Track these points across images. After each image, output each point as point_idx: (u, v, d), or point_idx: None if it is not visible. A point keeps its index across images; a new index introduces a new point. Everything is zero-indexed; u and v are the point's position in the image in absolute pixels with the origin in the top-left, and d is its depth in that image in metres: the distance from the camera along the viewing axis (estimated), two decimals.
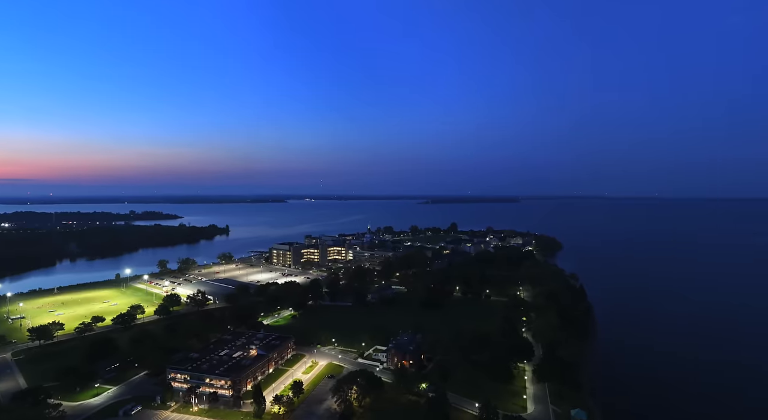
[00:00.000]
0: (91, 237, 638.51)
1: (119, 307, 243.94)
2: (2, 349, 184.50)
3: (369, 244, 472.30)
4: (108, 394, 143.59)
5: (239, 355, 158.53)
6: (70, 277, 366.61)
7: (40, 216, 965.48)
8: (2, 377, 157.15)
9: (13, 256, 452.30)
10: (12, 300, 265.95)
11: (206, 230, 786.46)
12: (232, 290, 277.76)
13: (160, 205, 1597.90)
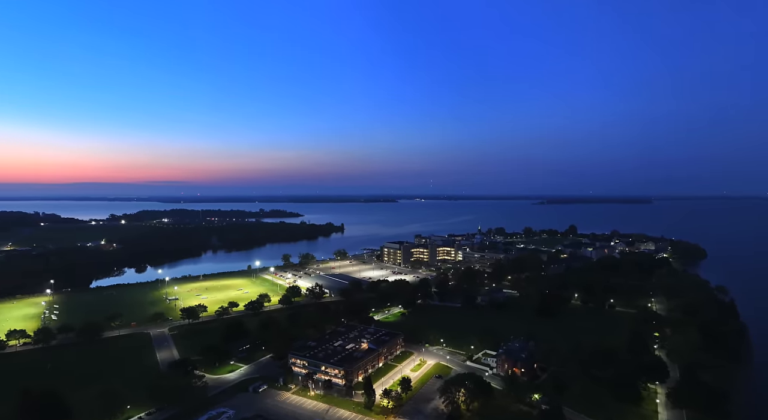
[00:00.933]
0: (228, 232, 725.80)
1: (250, 295, 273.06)
2: (162, 324, 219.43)
3: (479, 245, 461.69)
4: (240, 372, 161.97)
5: (352, 347, 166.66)
6: (212, 267, 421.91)
7: (190, 213, 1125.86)
8: (162, 348, 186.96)
9: (171, 247, 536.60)
10: (169, 284, 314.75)
11: (324, 228, 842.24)
12: (346, 285, 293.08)
13: (285, 204, 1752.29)
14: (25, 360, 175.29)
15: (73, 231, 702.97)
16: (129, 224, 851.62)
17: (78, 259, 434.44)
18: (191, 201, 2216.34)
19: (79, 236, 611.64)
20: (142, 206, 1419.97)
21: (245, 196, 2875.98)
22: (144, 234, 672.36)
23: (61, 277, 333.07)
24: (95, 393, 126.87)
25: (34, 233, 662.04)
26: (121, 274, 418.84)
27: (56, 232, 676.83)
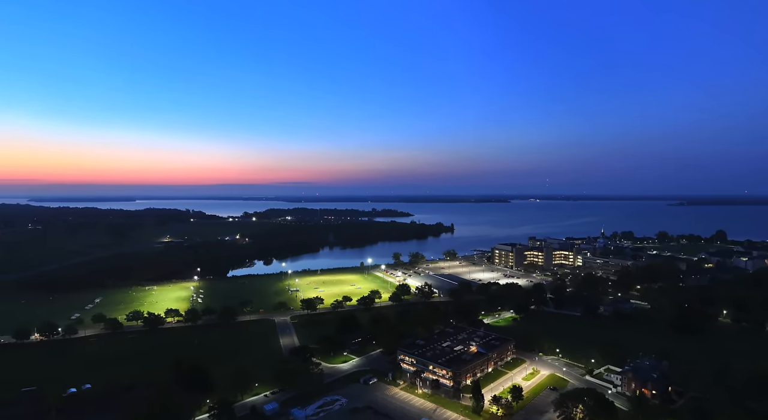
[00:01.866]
0: (343, 230, 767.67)
1: (362, 290, 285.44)
2: (285, 313, 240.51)
3: (602, 250, 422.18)
4: (353, 363, 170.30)
5: (460, 349, 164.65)
6: (328, 262, 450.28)
7: (310, 211, 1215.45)
8: (285, 334, 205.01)
9: (293, 242, 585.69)
10: (291, 276, 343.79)
11: (433, 228, 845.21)
12: (455, 286, 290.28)
13: (396, 204, 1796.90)
14: (178, 335, 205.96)
15: (215, 227, 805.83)
16: (258, 221, 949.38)
17: (218, 252, 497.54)
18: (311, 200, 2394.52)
19: (219, 231, 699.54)
20: (270, 205, 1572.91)
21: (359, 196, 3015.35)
22: (271, 230, 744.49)
23: (206, 266, 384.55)
24: (231, 370, 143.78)
25: (186, 228, 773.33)
26: (252, 265, 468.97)
27: (202, 227, 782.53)
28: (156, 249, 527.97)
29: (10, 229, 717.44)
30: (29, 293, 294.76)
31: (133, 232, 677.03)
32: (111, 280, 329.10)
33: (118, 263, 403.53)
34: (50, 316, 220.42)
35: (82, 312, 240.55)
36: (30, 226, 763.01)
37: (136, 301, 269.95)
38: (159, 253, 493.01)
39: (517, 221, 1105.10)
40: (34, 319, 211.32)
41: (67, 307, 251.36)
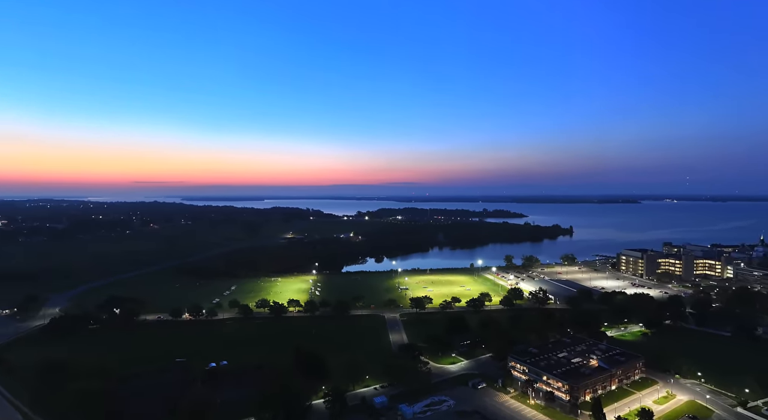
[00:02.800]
0: (453, 230, 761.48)
1: (471, 292, 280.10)
2: (394, 310, 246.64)
3: (761, 260, 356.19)
4: (461, 365, 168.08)
5: (578, 361, 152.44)
6: (438, 262, 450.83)
7: (420, 211, 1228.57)
8: (394, 331, 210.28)
9: (404, 241, 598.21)
10: (401, 274, 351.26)
11: (549, 230, 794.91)
12: (574, 293, 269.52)
13: (508, 204, 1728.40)
14: (298, 324, 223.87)
15: (332, 225, 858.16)
16: (371, 220, 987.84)
17: (335, 248, 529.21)
18: (421, 200, 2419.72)
19: (335, 229, 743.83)
20: (381, 205, 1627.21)
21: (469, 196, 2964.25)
22: (382, 229, 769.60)
23: (323, 262, 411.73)
24: (344, 360, 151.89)
25: (306, 225, 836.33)
26: (364, 262, 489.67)
27: (320, 225, 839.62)
28: (280, 244, 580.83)
29: (169, 224, 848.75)
30: (182, 278, 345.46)
31: (262, 228, 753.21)
32: (244, 271, 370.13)
33: (249, 256, 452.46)
34: (197, 299, 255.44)
35: (221, 297, 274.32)
36: (183, 221, 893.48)
37: (264, 290, 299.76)
38: (283, 247, 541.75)
39: (647, 224, 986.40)
40: (185, 301, 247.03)
41: (210, 293, 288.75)
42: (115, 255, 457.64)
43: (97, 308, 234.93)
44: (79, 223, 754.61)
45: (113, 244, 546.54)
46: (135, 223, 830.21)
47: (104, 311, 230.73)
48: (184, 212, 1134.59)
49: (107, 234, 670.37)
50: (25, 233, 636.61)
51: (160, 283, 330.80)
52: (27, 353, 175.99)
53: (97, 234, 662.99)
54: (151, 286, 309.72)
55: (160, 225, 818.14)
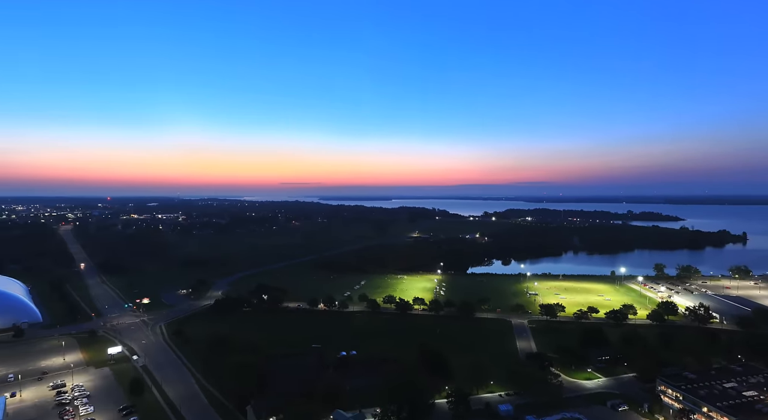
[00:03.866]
0: (590, 233, 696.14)
1: (612, 303, 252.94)
2: (522, 315, 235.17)
3: None
4: (597, 382, 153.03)
5: (752, 395, 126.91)
6: (572, 267, 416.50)
7: (552, 212, 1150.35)
8: (521, 337, 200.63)
9: (534, 244, 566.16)
10: (530, 279, 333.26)
11: (714, 236, 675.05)
12: (747, 313, 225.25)
13: (659, 206, 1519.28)
14: (423, 322, 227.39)
15: (457, 225, 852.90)
16: (498, 221, 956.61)
17: (460, 248, 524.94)
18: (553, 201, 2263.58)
19: (461, 229, 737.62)
20: (509, 205, 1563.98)
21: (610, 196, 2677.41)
22: (510, 230, 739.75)
23: (448, 261, 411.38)
24: (468, 362, 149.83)
25: (432, 225, 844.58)
26: (490, 264, 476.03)
27: (446, 225, 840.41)
28: (407, 242, 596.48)
29: (308, 221, 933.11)
30: (318, 272, 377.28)
31: (390, 226, 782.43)
32: (372, 267, 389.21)
33: (378, 253, 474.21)
34: (330, 291, 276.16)
35: (352, 291, 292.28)
36: (320, 219, 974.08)
37: (391, 287, 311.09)
38: (409, 246, 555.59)
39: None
40: (321, 292, 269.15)
41: (342, 286, 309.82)
42: (264, 248, 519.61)
43: (249, 293, 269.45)
44: (237, 220, 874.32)
45: (262, 239, 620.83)
46: (280, 220, 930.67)
47: (255, 296, 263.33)
48: (321, 211, 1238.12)
49: (258, 229, 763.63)
50: (198, 227, 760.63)
51: (300, 274, 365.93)
52: (199, 327, 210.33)
53: (250, 229, 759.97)
54: (292, 277, 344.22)
55: (300, 222, 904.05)
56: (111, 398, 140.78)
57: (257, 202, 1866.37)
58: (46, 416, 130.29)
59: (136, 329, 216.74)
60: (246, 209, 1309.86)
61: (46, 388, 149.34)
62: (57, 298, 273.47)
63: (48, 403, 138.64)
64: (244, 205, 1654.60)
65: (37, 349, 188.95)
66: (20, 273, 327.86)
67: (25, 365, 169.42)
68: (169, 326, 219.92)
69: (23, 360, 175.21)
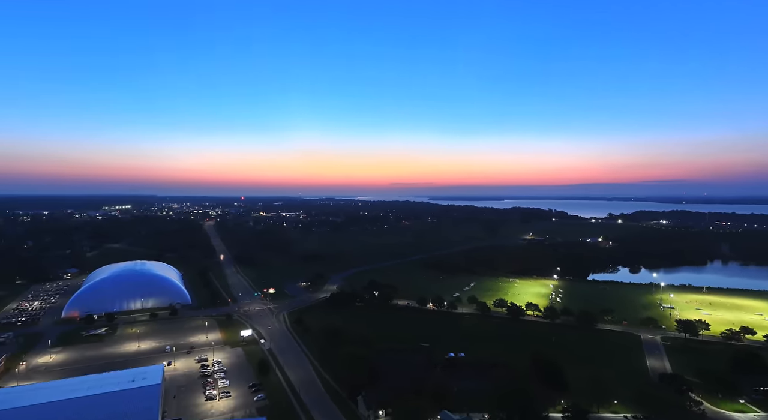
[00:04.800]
0: (745, 240, 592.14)
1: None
2: (653, 331, 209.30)
3: None
4: (752, 417, 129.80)
5: None
6: (719, 279, 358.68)
7: (694, 215, 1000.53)
8: (652, 355, 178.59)
9: (669, 250, 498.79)
10: (664, 290, 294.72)
11: None
12: None
13: None
14: (536, 329, 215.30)
15: (577, 227, 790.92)
16: (625, 224, 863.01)
17: (579, 252, 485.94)
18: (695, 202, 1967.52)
19: (581, 232, 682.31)
20: (639, 206, 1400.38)
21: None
22: (640, 234, 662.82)
23: (565, 266, 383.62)
24: (587, 375, 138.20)
25: (547, 227, 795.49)
26: (615, 271, 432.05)
27: (563, 227, 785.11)
28: (519, 245, 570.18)
29: (417, 221, 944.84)
30: (427, 271, 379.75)
31: (501, 228, 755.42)
32: (482, 269, 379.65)
33: (489, 255, 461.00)
34: (439, 291, 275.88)
35: (461, 292, 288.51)
36: (429, 219, 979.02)
37: (501, 290, 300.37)
38: (522, 248, 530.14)
39: None
40: (429, 292, 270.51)
41: (451, 286, 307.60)
42: (376, 246, 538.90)
43: (362, 289, 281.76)
44: (351, 218, 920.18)
45: (374, 237, 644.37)
46: (391, 220, 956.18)
47: (367, 292, 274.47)
48: (431, 210, 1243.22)
49: (370, 228, 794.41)
50: (316, 225, 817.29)
51: (409, 273, 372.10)
52: (316, 318, 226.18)
53: (363, 227, 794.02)
54: (402, 275, 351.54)
55: (410, 222, 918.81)
56: (242, 375, 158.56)
57: (370, 202, 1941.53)
58: (193, 384, 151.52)
59: (263, 316, 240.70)
60: (359, 208, 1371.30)
61: (193, 360, 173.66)
62: (202, 284, 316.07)
63: (194, 373, 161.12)
64: (357, 204, 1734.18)
65: (187, 326, 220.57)
66: (175, 261, 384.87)
67: (178, 340, 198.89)
68: (290, 315, 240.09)
69: (176, 335, 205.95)
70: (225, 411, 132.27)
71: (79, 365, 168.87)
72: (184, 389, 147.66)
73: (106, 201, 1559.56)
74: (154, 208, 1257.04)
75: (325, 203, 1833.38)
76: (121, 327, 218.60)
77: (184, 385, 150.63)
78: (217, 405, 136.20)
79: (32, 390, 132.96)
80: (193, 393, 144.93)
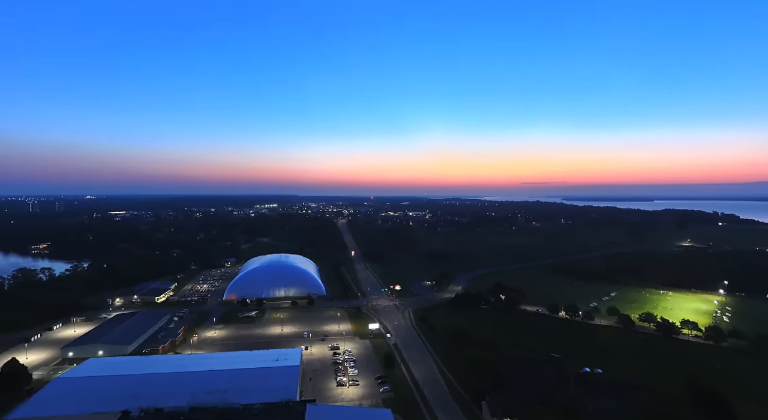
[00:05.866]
0: None
1: None
2: None
3: None
4: None
5: None
6: None
7: None
8: None
9: None
10: None
11: None
12: None
13: None
14: (694, 350, 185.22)
15: (752, 233, 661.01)
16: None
17: (756, 264, 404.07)
18: None
19: (757, 239, 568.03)
20: None
21: None
22: None
23: (735, 280, 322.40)
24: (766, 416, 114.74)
25: (711, 232, 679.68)
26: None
27: (732, 233, 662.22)
28: (674, 252, 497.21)
29: (549, 222, 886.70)
30: (559, 277, 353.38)
31: (649, 232, 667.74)
32: (626, 278, 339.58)
33: (634, 262, 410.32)
34: (573, 299, 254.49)
35: (599, 302, 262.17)
36: (562, 221, 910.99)
37: (649, 303, 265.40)
38: (677, 256, 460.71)
39: None
40: (562, 299, 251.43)
41: (587, 295, 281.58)
42: (503, 247, 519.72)
43: (487, 291, 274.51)
44: (477, 219, 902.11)
45: (501, 238, 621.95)
46: (520, 221, 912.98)
47: (492, 295, 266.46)
48: (564, 212, 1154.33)
49: (497, 229, 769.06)
50: (442, 224, 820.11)
51: (538, 277, 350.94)
52: (440, 317, 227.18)
53: (489, 228, 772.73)
54: (531, 279, 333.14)
55: (541, 223, 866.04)
56: (370, 366, 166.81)
57: (497, 202, 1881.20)
58: (326, 369, 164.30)
59: (389, 311, 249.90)
60: (486, 209, 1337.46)
61: (326, 347, 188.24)
62: (335, 277, 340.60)
63: (327, 359, 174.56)
64: (484, 204, 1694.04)
65: (322, 316, 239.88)
66: (313, 255, 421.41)
67: (314, 327, 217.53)
68: (415, 312, 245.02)
69: (313, 323, 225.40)
70: (354, 398, 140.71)
71: (235, 341, 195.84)
72: (319, 373, 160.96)
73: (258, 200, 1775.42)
74: (296, 207, 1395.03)
75: (451, 203, 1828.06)
76: (268, 311, 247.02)
77: (319, 370, 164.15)
78: (347, 391, 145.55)
79: (202, 358, 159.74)
80: (326, 377, 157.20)
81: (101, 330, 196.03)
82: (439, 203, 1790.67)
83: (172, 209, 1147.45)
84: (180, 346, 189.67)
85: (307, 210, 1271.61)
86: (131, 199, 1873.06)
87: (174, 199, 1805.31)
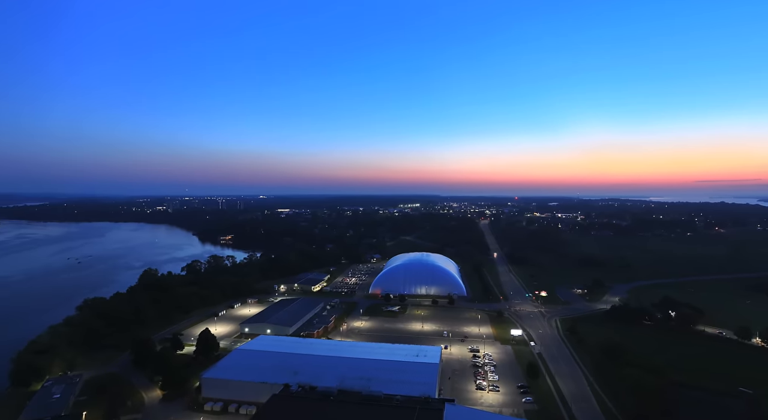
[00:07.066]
0: None
1: None
2: None
3: None
4: None
5: None
6: None
7: None
8: None
9: None
10: None
11: None
12: None
13: None
14: None
15: None
16: None
17: None
18: None
19: None
20: None
21: None
22: None
23: None
24: None
25: None
26: None
27: None
28: None
29: (739, 228, 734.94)
30: (754, 295, 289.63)
31: None
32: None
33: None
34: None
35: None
36: (759, 227, 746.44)
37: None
38: None
39: None
40: (757, 323, 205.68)
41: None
42: (674, 256, 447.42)
43: (652, 306, 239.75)
44: (640, 222, 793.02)
45: (672, 245, 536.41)
46: (697, 225, 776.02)
47: (659, 310, 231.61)
48: (761, 215, 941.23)
49: (667, 234, 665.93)
50: (596, 227, 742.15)
51: (723, 294, 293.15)
52: (591, 329, 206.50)
53: (656, 233, 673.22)
54: (711, 296, 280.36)
55: (726, 229, 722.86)
56: (511, 373, 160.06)
57: (666, 203, 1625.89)
58: (465, 371, 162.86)
59: (534, 318, 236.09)
60: (652, 211, 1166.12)
61: (466, 349, 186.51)
62: (476, 278, 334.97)
63: (466, 361, 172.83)
64: (649, 206, 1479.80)
65: (462, 316, 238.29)
66: (454, 255, 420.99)
67: (454, 327, 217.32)
68: (563, 322, 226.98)
69: (453, 323, 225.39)
70: (493, 404, 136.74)
71: (378, 333, 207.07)
72: (458, 373, 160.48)
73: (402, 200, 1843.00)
74: (437, 207, 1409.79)
75: (608, 204, 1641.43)
76: (410, 308, 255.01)
77: (458, 370, 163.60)
78: (486, 396, 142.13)
79: (351, 346, 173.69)
80: (465, 379, 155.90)
81: (269, 311, 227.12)
82: (593, 204, 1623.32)
83: (326, 208, 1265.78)
84: (331, 333, 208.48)
85: (448, 210, 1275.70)
86: (293, 199, 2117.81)
87: (328, 199, 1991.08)
